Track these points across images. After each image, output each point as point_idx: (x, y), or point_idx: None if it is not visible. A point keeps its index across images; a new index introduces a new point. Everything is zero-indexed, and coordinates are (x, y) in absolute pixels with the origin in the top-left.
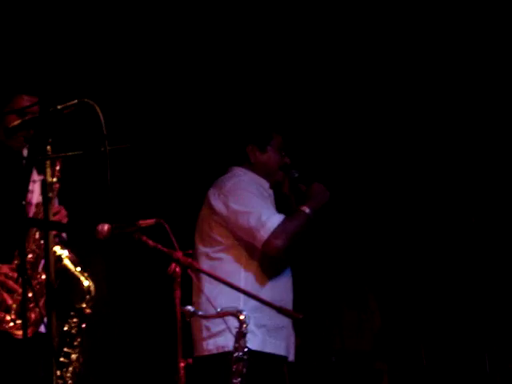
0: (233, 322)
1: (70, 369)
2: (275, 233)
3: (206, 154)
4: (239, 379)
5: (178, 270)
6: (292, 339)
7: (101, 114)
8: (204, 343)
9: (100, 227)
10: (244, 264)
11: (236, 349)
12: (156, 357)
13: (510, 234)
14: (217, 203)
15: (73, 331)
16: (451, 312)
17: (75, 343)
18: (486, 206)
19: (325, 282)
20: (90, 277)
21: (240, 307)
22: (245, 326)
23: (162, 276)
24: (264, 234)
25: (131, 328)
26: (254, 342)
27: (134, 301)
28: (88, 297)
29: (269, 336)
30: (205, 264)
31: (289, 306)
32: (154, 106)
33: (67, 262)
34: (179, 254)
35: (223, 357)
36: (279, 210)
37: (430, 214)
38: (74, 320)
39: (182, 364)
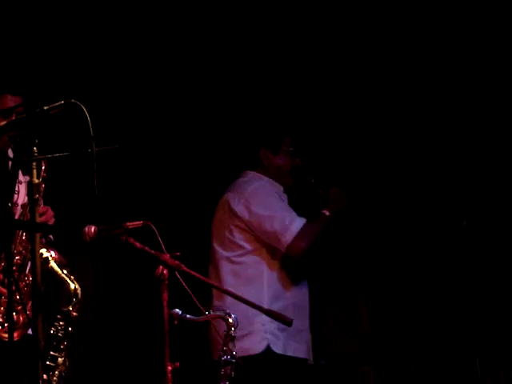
0: (257, 326)
1: (57, 372)
2: (299, 236)
3: (194, 156)
4: (227, 383)
5: (165, 272)
6: (310, 342)
7: (88, 115)
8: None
9: (87, 229)
10: (266, 267)
11: (224, 352)
12: (143, 360)
13: (500, 236)
14: (239, 208)
15: (59, 334)
16: (441, 315)
17: (62, 346)
18: (478, 208)
19: (314, 284)
20: (77, 279)
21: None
22: (233, 329)
23: (149, 278)
24: (288, 237)
25: (118, 331)
26: (277, 346)
27: (121, 304)
28: (74, 300)
29: (290, 339)
30: (227, 268)
31: (307, 308)
32: (143, 107)
33: (54, 265)
34: (166, 257)
35: (248, 360)
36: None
37: (421, 217)
38: (61, 323)
39: (170, 367)
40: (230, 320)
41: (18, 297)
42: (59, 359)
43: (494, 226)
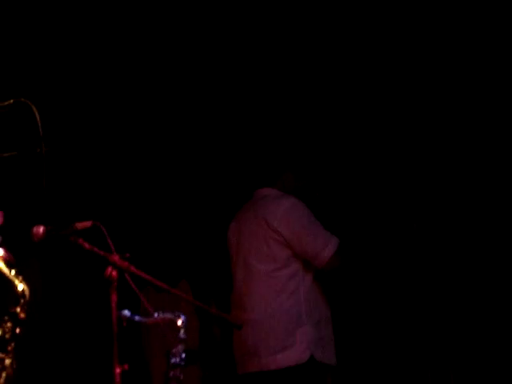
0: (300, 337)
1: (4, 375)
2: (336, 254)
3: (140, 157)
4: None
5: (114, 273)
6: None
7: (37, 115)
8: (271, 358)
9: (35, 229)
10: (302, 281)
11: (173, 354)
12: (92, 362)
13: (451, 240)
14: (278, 223)
15: (6, 336)
16: (390, 323)
17: (9, 348)
18: (428, 212)
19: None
20: (25, 280)
21: (305, 321)
22: (183, 331)
23: (98, 280)
24: (327, 255)
25: (67, 333)
26: (317, 354)
27: (70, 305)
28: (22, 301)
29: (326, 349)
30: (265, 283)
31: (330, 320)
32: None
33: (1, 265)
34: (116, 258)
35: (293, 370)
36: None
37: (371, 221)
38: (8, 325)
39: (118, 370)
40: (179, 322)
41: None
42: (6, 361)
43: (444, 229)
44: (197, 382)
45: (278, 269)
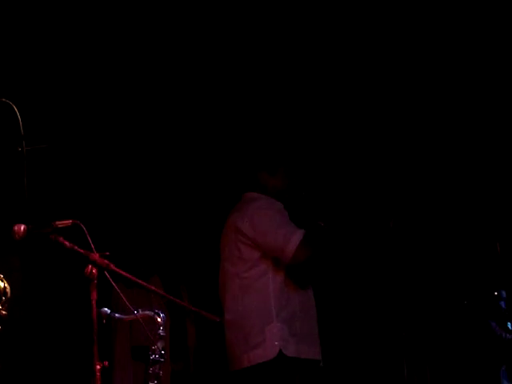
0: (268, 334)
1: None
2: (301, 246)
3: (122, 155)
4: (155, 382)
5: (94, 271)
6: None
7: (18, 114)
8: (245, 356)
9: (16, 227)
10: (272, 279)
11: (153, 351)
12: (72, 359)
13: (427, 237)
14: (244, 226)
15: None
16: (368, 316)
17: None
18: (404, 210)
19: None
20: (6, 278)
21: (273, 317)
22: (162, 328)
23: (78, 277)
24: (291, 248)
25: (47, 330)
26: (289, 350)
27: (51, 302)
28: (3, 298)
29: (302, 343)
30: (235, 284)
31: (314, 312)
32: (76, 106)
33: None
34: (96, 256)
35: (263, 367)
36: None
37: (349, 218)
38: None
39: (98, 366)
40: (159, 319)
41: None
42: None
43: (421, 227)
44: (167, 378)
45: (247, 270)
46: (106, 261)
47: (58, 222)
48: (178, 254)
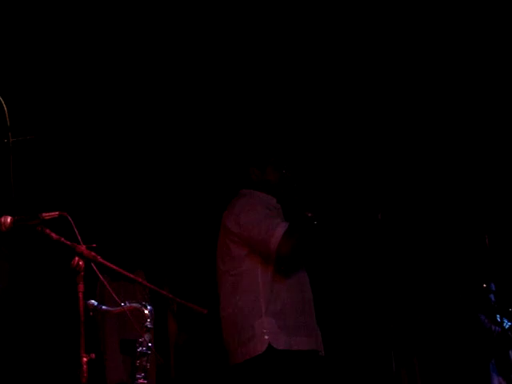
0: (257, 329)
1: None
2: (284, 238)
3: (115, 149)
4: (143, 374)
5: (81, 263)
6: (319, 334)
7: (5, 105)
8: (238, 351)
9: (2, 219)
10: (260, 274)
11: (140, 344)
12: (59, 351)
13: (415, 230)
14: (231, 223)
15: None
16: (356, 309)
17: None
18: (392, 202)
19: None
20: None
21: (262, 312)
22: (149, 320)
23: (65, 269)
24: (275, 241)
25: (34, 322)
26: (279, 343)
27: (37, 294)
28: None
29: (294, 335)
30: (226, 282)
31: (310, 303)
32: (63, 98)
33: None
34: (83, 248)
35: (253, 361)
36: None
37: (337, 211)
38: None
39: (85, 359)
40: (146, 311)
41: None
42: None
43: (409, 219)
44: (153, 369)
45: (237, 267)
46: (92, 253)
47: (44, 214)
48: (164, 249)
